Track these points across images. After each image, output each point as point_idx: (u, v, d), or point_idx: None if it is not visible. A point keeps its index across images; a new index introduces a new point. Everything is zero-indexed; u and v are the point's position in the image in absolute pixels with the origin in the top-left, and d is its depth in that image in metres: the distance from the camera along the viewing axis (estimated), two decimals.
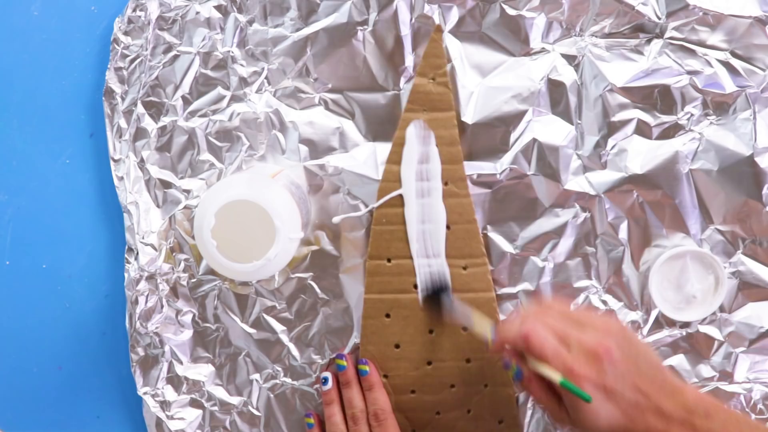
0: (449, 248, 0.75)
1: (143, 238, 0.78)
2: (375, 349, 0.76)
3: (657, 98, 0.75)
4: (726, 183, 0.75)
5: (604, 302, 0.76)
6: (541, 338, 0.61)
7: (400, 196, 0.75)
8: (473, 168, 0.76)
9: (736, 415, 0.62)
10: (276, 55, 0.76)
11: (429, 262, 0.75)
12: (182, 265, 0.78)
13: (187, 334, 0.79)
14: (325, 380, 0.76)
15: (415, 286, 0.76)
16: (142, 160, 0.77)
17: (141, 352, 0.79)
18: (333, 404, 0.76)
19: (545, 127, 0.75)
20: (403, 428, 0.77)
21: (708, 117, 0.75)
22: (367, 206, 0.76)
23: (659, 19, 0.74)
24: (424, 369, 0.77)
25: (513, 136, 0.75)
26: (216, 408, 0.79)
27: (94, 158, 0.79)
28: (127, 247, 0.78)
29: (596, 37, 0.75)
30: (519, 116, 0.75)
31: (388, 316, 0.76)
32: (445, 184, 0.75)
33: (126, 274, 0.78)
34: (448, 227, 0.75)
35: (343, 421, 0.75)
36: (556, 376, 0.60)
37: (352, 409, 0.74)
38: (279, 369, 0.78)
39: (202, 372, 0.79)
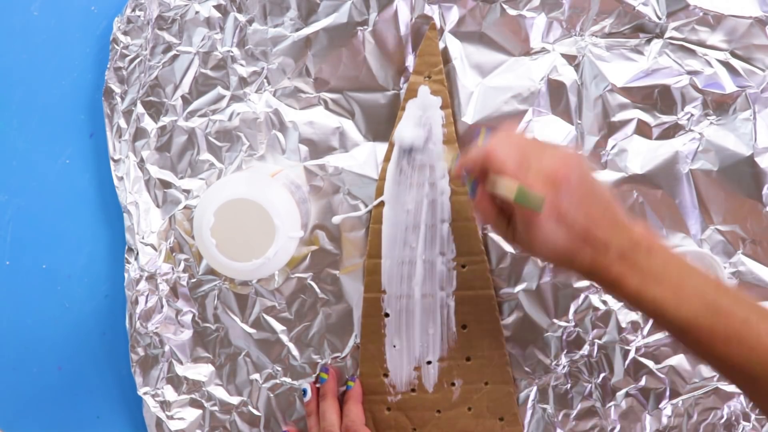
0: (447, 246, 0.75)
1: (143, 238, 0.78)
2: (375, 348, 0.76)
3: (657, 98, 0.75)
4: (726, 183, 0.75)
5: (604, 302, 0.76)
6: (503, 155, 0.60)
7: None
8: None
9: (678, 258, 0.60)
10: (276, 54, 0.76)
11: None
12: (182, 265, 0.78)
13: (187, 334, 0.79)
14: (305, 391, 0.77)
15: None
16: (141, 160, 0.77)
17: (141, 352, 0.79)
18: (312, 416, 0.76)
19: (545, 127, 0.75)
20: (403, 427, 0.77)
21: (708, 117, 0.74)
22: (367, 206, 0.76)
23: (659, 19, 0.74)
24: (424, 367, 0.77)
25: None
26: (216, 408, 0.79)
27: (94, 158, 0.79)
28: (127, 247, 0.78)
29: (596, 37, 0.75)
30: (519, 116, 0.75)
31: (387, 314, 0.76)
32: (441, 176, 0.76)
33: (126, 274, 0.78)
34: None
35: None
36: (511, 191, 0.59)
37: (324, 423, 0.75)
38: (279, 369, 0.78)
39: (202, 372, 0.79)
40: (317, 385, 0.77)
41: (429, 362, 0.77)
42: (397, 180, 0.75)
